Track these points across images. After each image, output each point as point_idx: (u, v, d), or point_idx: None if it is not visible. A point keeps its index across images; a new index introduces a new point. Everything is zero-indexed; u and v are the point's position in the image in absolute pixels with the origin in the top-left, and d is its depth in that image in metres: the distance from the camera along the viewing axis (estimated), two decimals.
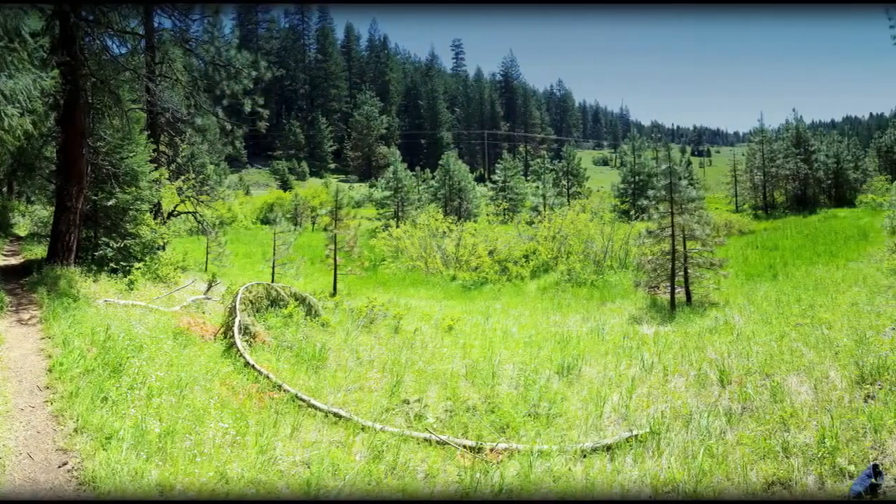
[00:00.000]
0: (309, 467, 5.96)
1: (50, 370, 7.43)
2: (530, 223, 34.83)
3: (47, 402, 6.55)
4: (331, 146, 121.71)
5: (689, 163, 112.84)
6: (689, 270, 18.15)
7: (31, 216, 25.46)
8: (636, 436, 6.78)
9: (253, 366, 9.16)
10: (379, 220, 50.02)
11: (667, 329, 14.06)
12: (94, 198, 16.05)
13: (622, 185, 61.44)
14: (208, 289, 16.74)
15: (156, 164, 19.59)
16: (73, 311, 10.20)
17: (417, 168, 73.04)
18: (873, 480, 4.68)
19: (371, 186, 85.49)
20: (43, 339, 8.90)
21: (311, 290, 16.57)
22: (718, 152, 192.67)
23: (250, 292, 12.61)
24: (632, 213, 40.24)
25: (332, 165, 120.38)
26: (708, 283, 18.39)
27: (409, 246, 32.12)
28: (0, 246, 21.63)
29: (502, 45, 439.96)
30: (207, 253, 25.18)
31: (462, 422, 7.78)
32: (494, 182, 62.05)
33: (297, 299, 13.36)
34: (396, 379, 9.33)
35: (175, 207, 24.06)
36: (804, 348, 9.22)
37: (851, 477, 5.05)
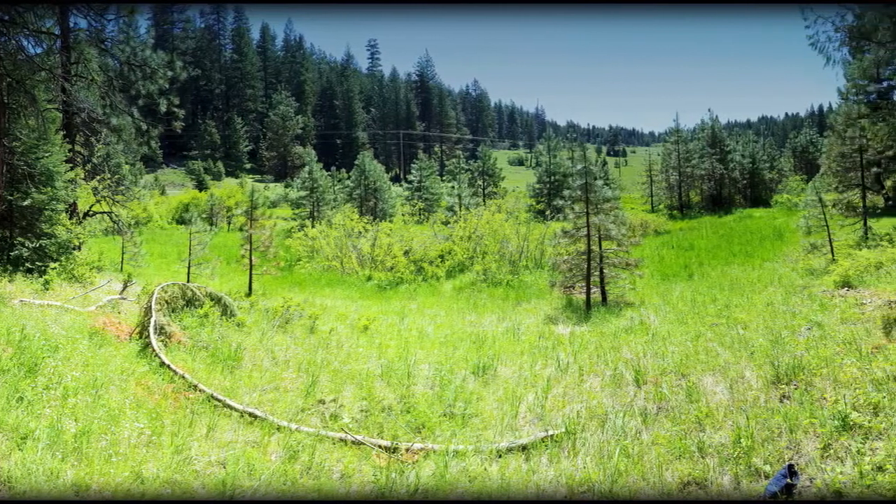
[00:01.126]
0: (224, 467, 5.94)
1: None
2: (446, 223, 34.87)
3: None
4: (246, 146, 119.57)
5: (605, 163, 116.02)
6: (604, 270, 18.39)
7: None
8: (552, 436, 6.71)
9: (168, 366, 8.97)
10: (294, 220, 49.51)
11: (582, 329, 14.15)
12: (9, 198, 15.75)
13: (538, 185, 62.26)
14: (124, 289, 16.28)
15: (71, 164, 19.26)
16: None
17: (333, 168, 72.63)
18: (788, 480, 4.68)
19: (286, 186, 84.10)
20: None
21: (227, 290, 16.30)
22: (634, 152, 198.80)
23: (166, 292, 12.28)
24: (547, 213, 40.65)
25: (248, 165, 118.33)
26: (623, 283, 18.67)
27: (325, 246, 31.66)
28: None
29: (418, 45, 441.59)
30: (123, 253, 24.97)
31: (377, 422, 7.69)
32: (410, 182, 61.87)
33: (212, 299, 13.06)
34: (312, 379, 9.16)
35: (90, 207, 23.62)
36: (720, 348, 9.34)
37: (767, 477, 5.04)
